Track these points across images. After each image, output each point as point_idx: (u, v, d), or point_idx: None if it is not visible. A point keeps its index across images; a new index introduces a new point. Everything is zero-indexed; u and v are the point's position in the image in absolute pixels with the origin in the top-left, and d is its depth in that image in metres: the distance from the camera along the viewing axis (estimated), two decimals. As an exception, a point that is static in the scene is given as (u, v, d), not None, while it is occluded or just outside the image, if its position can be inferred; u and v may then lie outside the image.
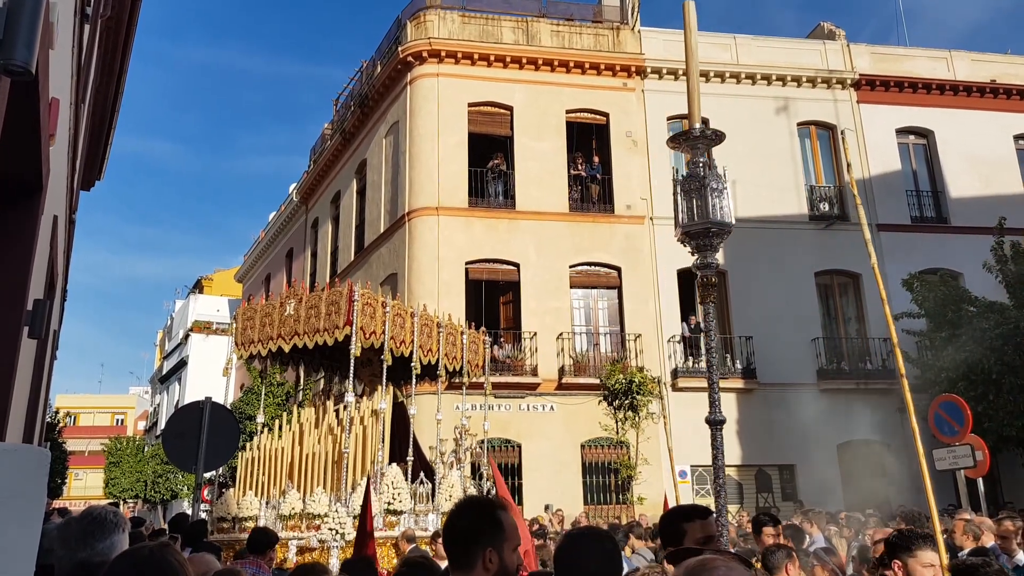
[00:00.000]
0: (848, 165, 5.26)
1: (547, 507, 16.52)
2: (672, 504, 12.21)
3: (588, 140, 21.68)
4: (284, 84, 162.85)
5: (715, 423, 4.29)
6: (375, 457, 10.25)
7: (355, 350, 10.08)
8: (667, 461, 19.07)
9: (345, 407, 10.38)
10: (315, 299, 10.79)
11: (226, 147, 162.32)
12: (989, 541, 6.97)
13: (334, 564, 8.95)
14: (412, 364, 11.05)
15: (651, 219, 20.82)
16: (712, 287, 4.55)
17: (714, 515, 3.21)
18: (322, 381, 21.48)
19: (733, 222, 4.52)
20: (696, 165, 4.52)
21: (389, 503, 9.71)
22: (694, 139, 4.55)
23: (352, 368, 10.25)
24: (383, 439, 10.51)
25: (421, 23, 21.33)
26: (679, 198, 4.48)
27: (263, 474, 10.76)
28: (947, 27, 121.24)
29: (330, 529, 9.28)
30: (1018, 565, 6.35)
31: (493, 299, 20.30)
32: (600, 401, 18.80)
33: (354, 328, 10.07)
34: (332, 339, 10.45)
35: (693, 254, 4.59)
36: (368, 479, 8.84)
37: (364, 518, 6.91)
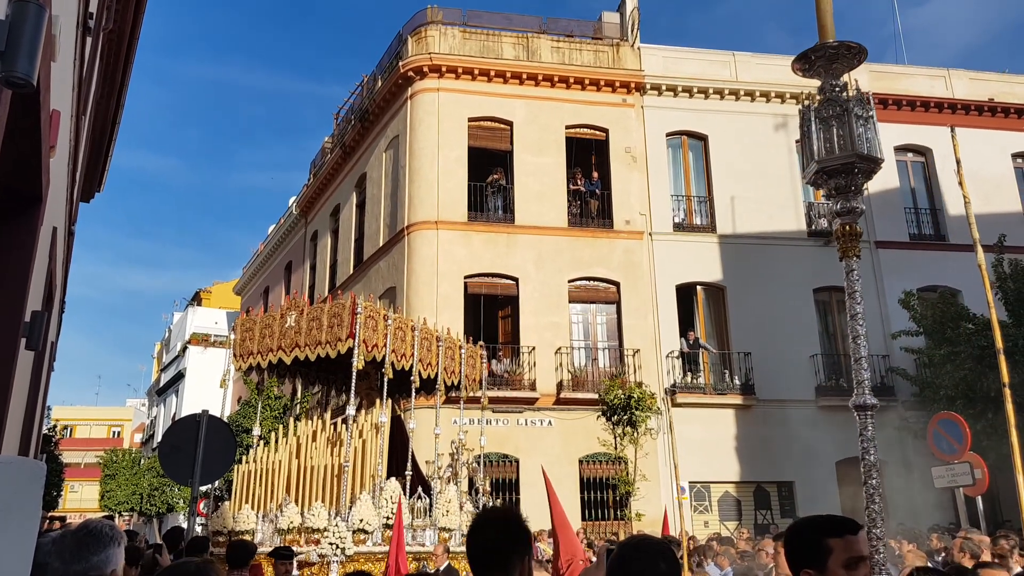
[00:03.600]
0: (967, 202, 4.87)
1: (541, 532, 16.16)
2: (672, 520, 12.16)
3: (587, 155, 21.75)
4: (284, 101, 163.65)
5: (864, 407, 3.54)
6: (375, 471, 10.21)
7: (357, 363, 10.05)
8: (666, 477, 19.05)
9: (344, 420, 10.33)
10: (317, 311, 10.76)
11: (225, 162, 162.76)
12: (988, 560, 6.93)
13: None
14: (412, 378, 11.02)
15: (650, 234, 20.86)
16: (856, 237, 3.80)
17: (865, 529, 2.63)
18: (320, 394, 21.43)
19: (883, 157, 3.74)
20: (834, 88, 3.71)
21: (388, 518, 9.66)
22: (830, 56, 3.64)
23: (354, 381, 10.21)
24: (382, 453, 10.47)
25: (422, 38, 21.44)
26: (813, 127, 3.67)
27: (260, 487, 10.71)
28: (942, 49, 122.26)
29: (330, 544, 9.22)
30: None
31: (492, 313, 20.29)
32: (598, 416, 18.76)
33: (356, 341, 10.05)
34: (334, 351, 10.41)
35: (830, 197, 3.83)
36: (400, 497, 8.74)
37: (397, 536, 6.86)
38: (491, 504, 12.21)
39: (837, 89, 3.68)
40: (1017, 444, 3.85)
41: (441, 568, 9.24)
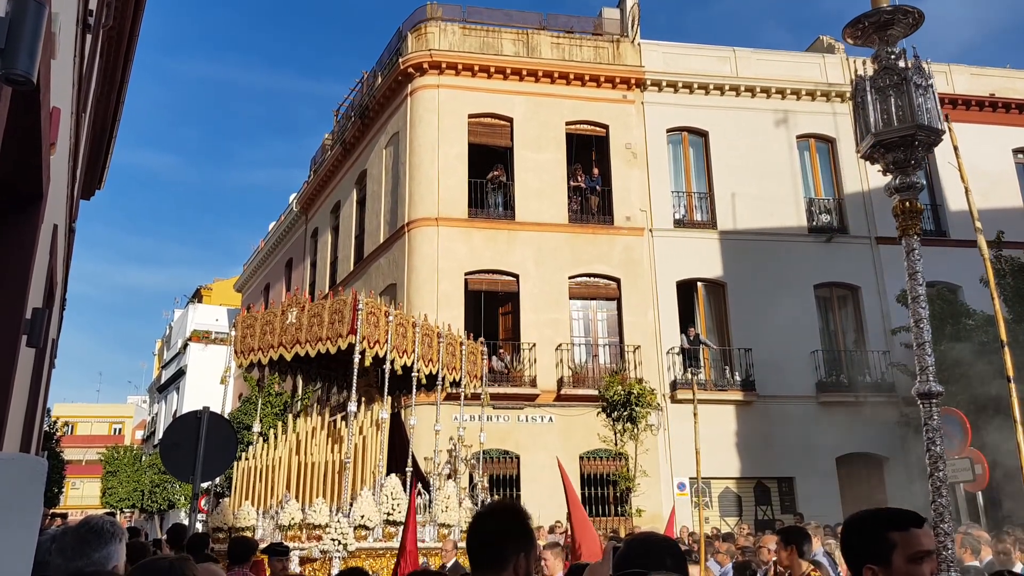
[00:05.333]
0: (967, 190, 4.72)
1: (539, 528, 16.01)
2: (677, 516, 12.17)
3: (588, 152, 21.73)
4: (283, 99, 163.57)
5: (930, 395, 3.27)
6: (375, 468, 10.23)
7: (361, 359, 10.06)
8: (666, 473, 19.09)
9: (344, 417, 10.34)
10: (318, 307, 10.77)
11: (225, 160, 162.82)
12: (988, 555, 6.95)
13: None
14: (413, 374, 11.03)
15: (650, 231, 20.85)
16: (918, 214, 3.49)
17: (929, 522, 2.47)
18: (319, 391, 21.43)
19: (944, 129, 3.46)
20: (891, 56, 3.41)
21: (388, 514, 9.68)
22: (884, 23, 3.34)
23: (356, 378, 10.22)
24: (383, 450, 10.48)
25: (422, 35, 21.41)
26: (869, 98, 3.37)
27: (261, 483, 10.72)
28: (941, 46, 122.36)
29: (332, 540, 9.24)
30: (1018, 577, 6.33)
31: (492, 310, 20.29)
32: (599, 413, 18.77)
33: (358, 337, 10.06)
34: (335, 347, 10.42)
35: (886, 173, 3.54)
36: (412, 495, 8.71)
37: (406, 533, 6.85)
38: (490, 500, 12.22)
39: (893, 57, 3.42)
40: (1023, 439, 3.71)
41: (448, 564, 9.25)
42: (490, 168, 21.02)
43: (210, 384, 35.15)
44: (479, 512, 2.54)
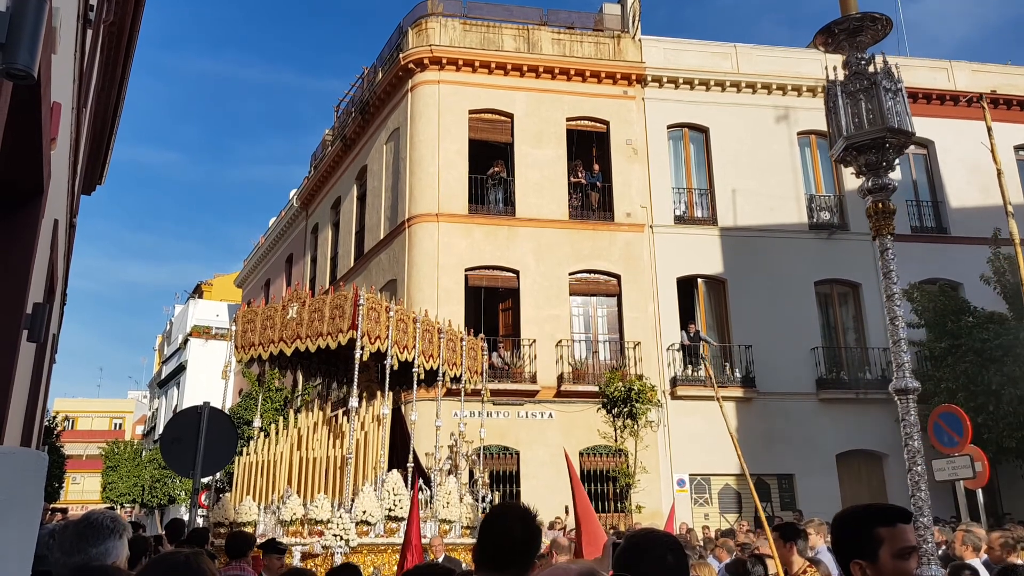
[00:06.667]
0: (999, 172, 4.77)
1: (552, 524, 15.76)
2: (677, 513, 12.16)
3: (588, 148, 21.71)
4: (283, 95, 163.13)
5: (906, 391, 3.33)
6: (377, 463, 10.23)
7: (362, 354, 10.06)
8: (666, 470, 19.10)
9: (345, 412, 10.33)
10: (319, 303, 10.76)
11: (225, 156, 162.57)
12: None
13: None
14: (414, 370, 11.03)
15: (651, 227, 20.84)
16: (890, 215, 3.64)
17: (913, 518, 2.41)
18: (320, 387, 21.44)
19: (914, 131, 3.50)
20: (861, 61, 3.46)
21: (390, 510, 9.69)
22: (853, 30, 3.39)
23: (357, 373, 10.21)
24: (384, 445, 10.49)
25: (422, 30, 21.38)
26: (840, 102, 3.42)
27: (262, 479, 10.73)
28: (940, 43, 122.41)
29: (334, 535, 9.24)
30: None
31: (492, 306, 20.29)
32: (599, 409, 18.77)
33: (359, 332, 10.06)
34: (335, 343, 10.41)
35: (859, 175, 3.61)
36: (416, 490, 8.70)
37: (410, 527, 6.86)
38: (490, 496, 12.22)
39: (863, 62, 3.50)
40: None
41: (440, 559, 9.28)
42: (490, 164, 21.00)
43: (210, 379, 35.17)
44: (503, 515, 2.59)
